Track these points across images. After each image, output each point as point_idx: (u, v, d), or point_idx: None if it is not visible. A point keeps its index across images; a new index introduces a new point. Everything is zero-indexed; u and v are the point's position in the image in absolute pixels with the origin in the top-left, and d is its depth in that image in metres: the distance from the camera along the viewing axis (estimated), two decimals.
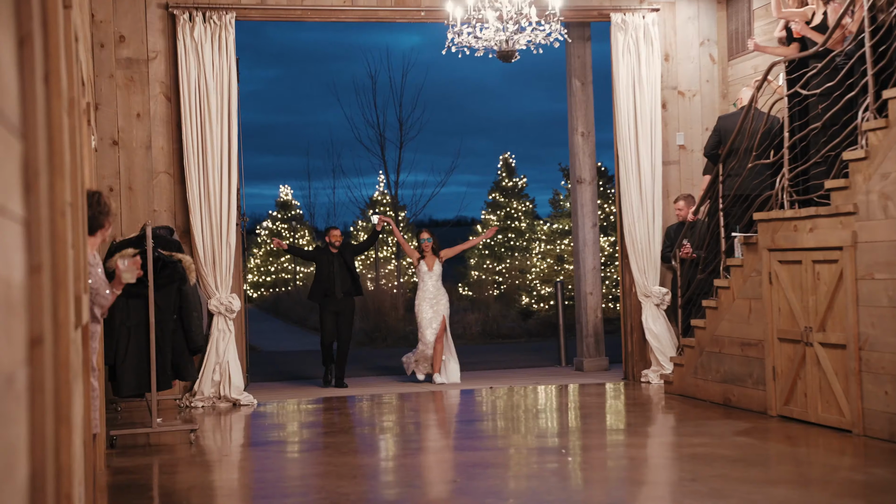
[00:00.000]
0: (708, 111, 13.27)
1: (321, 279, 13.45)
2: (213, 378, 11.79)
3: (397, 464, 8.06)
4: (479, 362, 15.51)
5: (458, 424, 10.34)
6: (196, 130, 11.95)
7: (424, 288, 13.37)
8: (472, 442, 9.12)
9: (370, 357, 17.71)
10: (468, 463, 7.93)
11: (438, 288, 13.36)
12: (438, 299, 13.31)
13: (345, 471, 7.66)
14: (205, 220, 11.93)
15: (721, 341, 10.52)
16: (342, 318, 13.37)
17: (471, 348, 19.27)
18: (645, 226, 12.82)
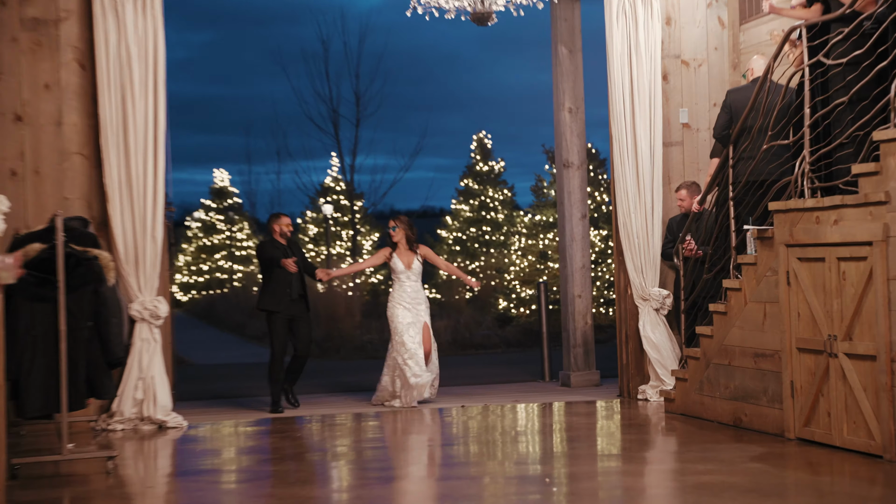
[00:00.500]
0: (716, 84, 13.31)
1: (278, 280, 12.76)
2: (134, 396, 11.72)
3: (352, 496, 8.03)
4: (448, 377, 15.47)
5: (424, 449, 10.31)
6: (116, 104, 11.86)
7: (401, 290, 12.96)
8: (440, 470, 9.08)
9: (321, 371, 17.66)
10: (436, 495, 7.90)
11: (418, 291, 13.01)
12: (418, 303, 12.97)
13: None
14: (126, 209, 11.85)
15: (731, 352, 10.55)
16: (300, 323, 12.86)
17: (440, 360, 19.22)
18: (643, 217, 12.85)
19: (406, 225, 13.26)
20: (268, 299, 12.76)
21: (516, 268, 29.96)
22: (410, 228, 13.26)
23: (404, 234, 13.15)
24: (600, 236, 29.23)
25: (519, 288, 28.99)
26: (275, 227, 13.07)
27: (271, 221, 13.15)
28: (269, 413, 12.56)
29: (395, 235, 13.16)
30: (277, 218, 13.13)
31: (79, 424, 11.70)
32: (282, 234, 13.04)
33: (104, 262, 9.51)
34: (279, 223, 13.06)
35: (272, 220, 13.16)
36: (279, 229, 13.04)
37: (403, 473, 9.04)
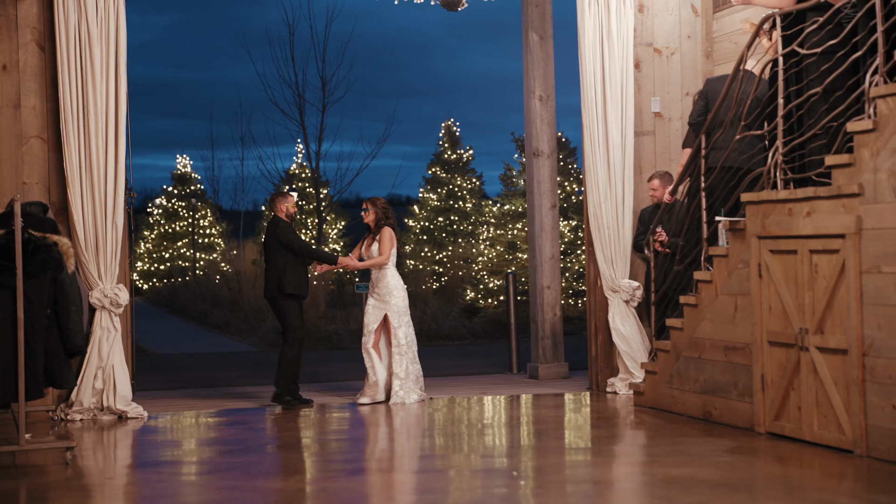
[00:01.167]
0: (689, 72, 13.35)
1: (302, 262, 12.41)
2: (94, 385, 11.67)
3: (316, 488, 8.02)
4: None
5: (389, 442, 10.31)
6: (76, 87, 11.79)
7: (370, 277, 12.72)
8: (405, 462, 9.09)
9: None
10: (402, 488, 7.90)
11: (378, 278, 12.49)
12: (379, 293, 12.48)
13: (253, 497, 7.61)
14: (86, 195, 11.79)
15: (701, 345, 10.59)
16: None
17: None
18: (613, 207, 12.88)
19: (379, 207, 12.70)
20: (296, 282, 12.32)
21: (484, 258, 29.96)
22: (385, 212, 12.69)
23: (374, 215, 12.66)
24: (570, 227, 29.27)
25: (487, 278, 28.99)
26: (281, 208, 12.54)
27: (277, 202, 12.56)
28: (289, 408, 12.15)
29: (366, 217, 12.72)
30: (284, 198, 12.58)
31: (36, 414, 11.64)
32: (288, 215, 12.57)
33: (63, 249, 9.45)
34: (285, 203, 12.54)
35: (278, 199, 12.58)
36: (286, 210, 12.54)
37: (368, 466, 9.03)
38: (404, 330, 12.42)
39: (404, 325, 12.44)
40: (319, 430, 10.81)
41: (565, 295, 27.46)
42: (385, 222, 12.64)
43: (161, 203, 46.46)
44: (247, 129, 56.07)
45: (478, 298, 28.48)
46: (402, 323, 12.44)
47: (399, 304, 12.48)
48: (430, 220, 34.85)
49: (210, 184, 46.84)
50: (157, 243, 45.57)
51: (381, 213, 12.67)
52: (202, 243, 45.46)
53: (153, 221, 46.23)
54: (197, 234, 45.48)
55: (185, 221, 45.81)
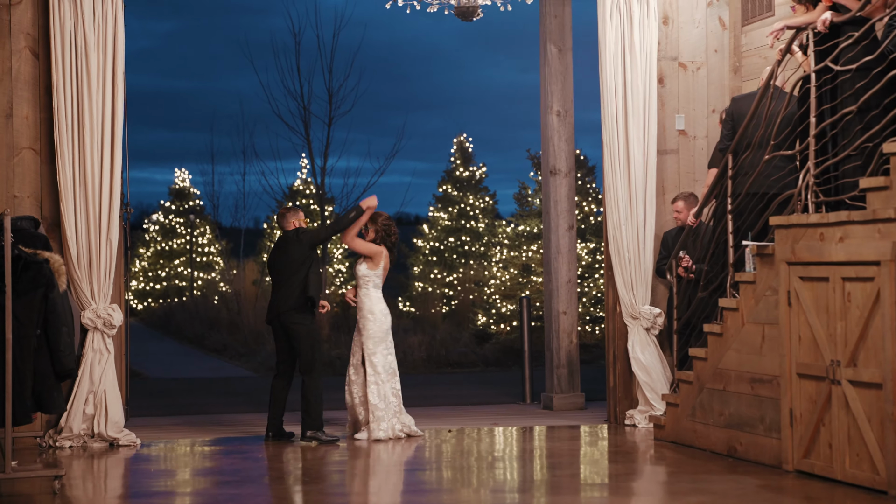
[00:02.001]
0: (715, 88, 13.32)
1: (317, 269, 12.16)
2: (85, 411, 11.65)
3: None
4: (421, 397, 15.45)
5: (394, 474, 10.27)
6: (71, 96, 11.79)
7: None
8: (411, 497, 9.04)
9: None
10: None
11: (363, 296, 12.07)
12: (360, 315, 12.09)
13: None
14: (80, 209, 11.78)
15: (726, 376, 10.54)
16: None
17: (412, 379, 19.21)
18: (634, 230, 12.85)
19: (380, 225, 12.15)
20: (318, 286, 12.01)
21: (497, 281, 29.94)
22: (386, 231, 12.15)
23: (374, 236, 12.16)
24: (588, 249, 29.25)
25: (499, 303, 28.97)
26: (293, 222, 12.19)
27: (289, 216, 12.18)
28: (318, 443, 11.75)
29: (367, 235, 12.20)
30: (296, 212, 12.26)
31: (24, 440, 11.60)
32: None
33: (55, 266, 9.44)
34: (297, 217, 12.22)
35: (290, 213, 12.21)
36: (298, 224, 12.21)
37: (371, 500, 8.99)
38: (381, 357, 11.93)
39: (380, 353, 11.94)
40: (321, 461, 10.77)
41: (582, 321, 27.42)
42: (383, 243, 12.16)
43: (158, 219, 46.48)
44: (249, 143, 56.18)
45: (490, 323, 28.47)
46: (377, 350, 11.93)
47: (374, 328, 11.98)
48: (441, 240, 34.82)
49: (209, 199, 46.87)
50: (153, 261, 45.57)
51: (381, 232, 12.16)
52: (200, 262, 45.47)
53: (149, 238, 46.24)
54: (195, 253, 45.50)
55: (183, 239, 45.84)
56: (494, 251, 31.93)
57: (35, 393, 9.45)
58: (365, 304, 12.04)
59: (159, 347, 29.84)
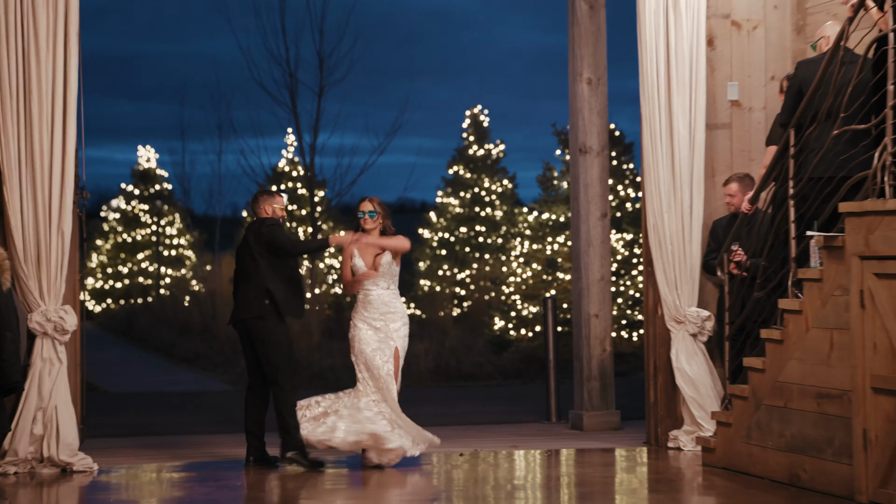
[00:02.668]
0: (775, 51, 13.28)
1: (298, 276, 11.97)
2: (32, 431, 11.63)
3: None
4: (428, 414, 15.44)
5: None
6: (15, 62, 11.79)
7: (366, 300, 11.99)
8: None
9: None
10: None
11: (390, 299, 12.01)
12: (387, 319, 12.04)
13: None
14: (26, 194, 11.78)
15: (787, 391, 10.52)
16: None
17: (418, 393, 19.22)
18: (678, 218, 12.83)
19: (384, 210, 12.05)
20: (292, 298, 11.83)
21: (517, 279, 29.94)
22: (385, 214, 12.07)
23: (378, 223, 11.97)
24: (624, 241, 29.24)
25: (520, 304, 28.97)
26: (266, 209, 11.93)
27: (262, 201, 11.93)
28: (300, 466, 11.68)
29: (368, 223, 11.96)
30: (271, 197, 11.97)
31: None
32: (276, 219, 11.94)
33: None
34: (271, 203, 11.92)
35: (263, 198, 11.94)
36: (271, 212, 11.92)
37: None
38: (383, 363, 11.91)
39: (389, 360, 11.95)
40: (310, 489, 10.78)
41: (617, 325, 27.42)
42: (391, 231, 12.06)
43: (118, 206, 46.62)
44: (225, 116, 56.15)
45: (508, 329, 28.47)
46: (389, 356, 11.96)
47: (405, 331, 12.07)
48: (451, 230, 34.87)
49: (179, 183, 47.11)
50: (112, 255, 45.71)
51: (387, 220, 12.05)
52: (168, 256, 45.59)
53: (108, 228, 46.39)
54: (162, 245, 45.62)
55: (148, 229, 45.96)
56: (514, 243, 31.91)
57: None
58: (397, 304, 12.04)
59: (120, 356, 29.93)
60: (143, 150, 47.28)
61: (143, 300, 42.39)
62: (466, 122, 35.94)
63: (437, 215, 35.43)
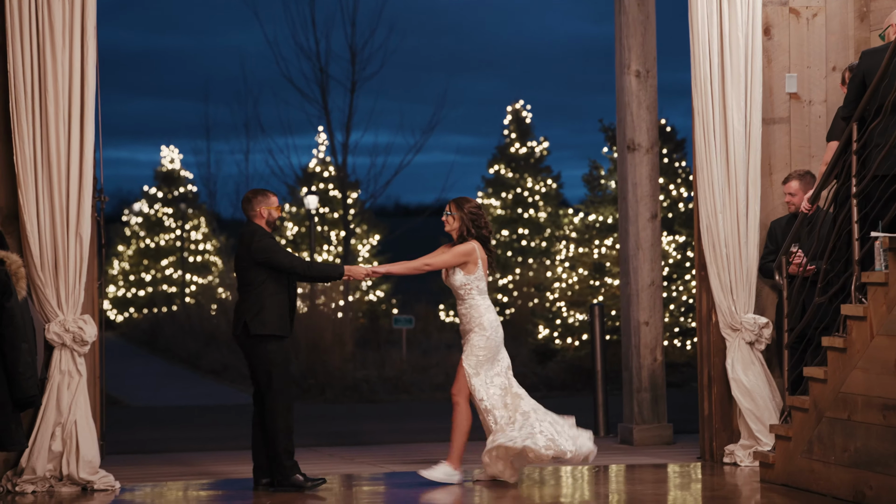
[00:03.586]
0: (837, 40, 13.23)
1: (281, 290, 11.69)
2: (51, 447, 11.67)
3: None
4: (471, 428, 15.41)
5: None
6: (30, 57, 11.82)
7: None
8: None
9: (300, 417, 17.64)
10: None
11: (466, 309, 12.09)
12: (464, 330, 12.12)
13: None
14: (43, 197, 11.81)
15: (851, 402, 10.47)
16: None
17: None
18: (733, 219, 12.79)
19: (466, 213, 11.96)
20: (276, 319, 11.62)
21: (562, 284, 29.91)
22: (474, 221, 11.98)
23: (459, 225, 11.98)
24: (676, 244, 29.18)
25: (565, 311, 28.94)
26: (260, 211, 11.87)
27: (256, 203, 11.86)
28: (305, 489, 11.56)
29: (448, 224, 12.06)
30: (265, 197, 11.89)
31: None
32: (270, 222, 11.86)
33: (12, 269, 9.49)
34: (267, 204, 11.86)
35: (257, 200, 11.87)
36: (267, 214, 11.88)
37: None
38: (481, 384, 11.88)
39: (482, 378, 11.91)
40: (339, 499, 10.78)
41: (669, 334, 27.36)
42: (472, 235, 11.98)
43: (141, 209, 46.78)
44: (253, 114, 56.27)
45: (553, 337, 28.44)
46: (480, 372, 11.92)
47: (482, 343, 12.00)
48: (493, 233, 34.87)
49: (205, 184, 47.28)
50: (135, 262, 45.90)
51: (467, 222, 11.97)
52: (194, 262, 45.72)
53: (130, 233, 46.57)
54: (187, 251, 45.75)
55: (173, 234, 46.10)
56: (559, 247, 31.86)
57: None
58: (473, 318, 12.00)
59: (144, 368, 30.05)
60: (167, 151, 47.44)
61: (167, 309, 42.52)
62: (508, 118, 35.93)
63: None
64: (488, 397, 11.80)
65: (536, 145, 35.68)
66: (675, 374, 23.17)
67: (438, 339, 29.54)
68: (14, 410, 9.72)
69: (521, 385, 12.13)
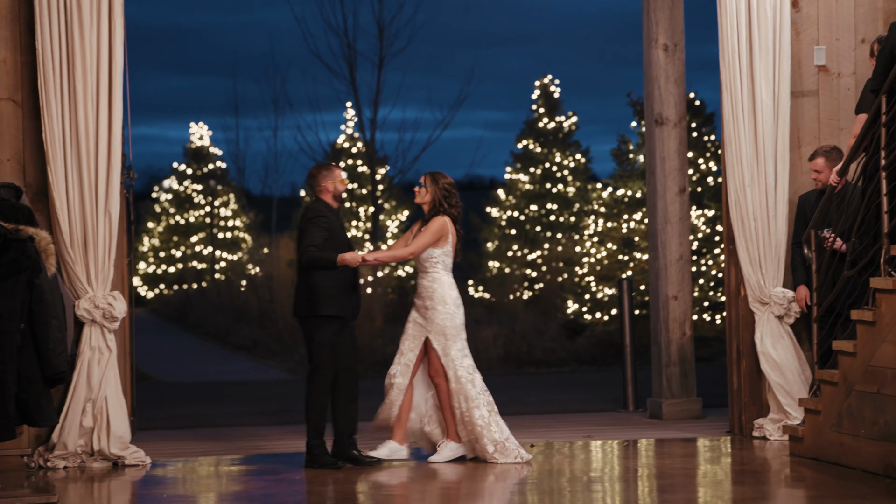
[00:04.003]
0: (865, 11, 13.15)
1: (344, 269, 11.52)
2: (81, 423, 11.72)
3: None
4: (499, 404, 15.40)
5: (467, 500, 10.26)
6: (59, 34, 11.84)
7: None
8: None
9: None
10: None
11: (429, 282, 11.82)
12: (423, 308, 11.88)
13: None
14: (72, 174, 11.85)
15: (881, 375, 10.45)
16: (348, 331, 11.78)
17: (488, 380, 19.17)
18: (761, 192, 12.76)
19: (440, 187, 11.79)
20: (335, 300, 11.48)
21: (591, 259, 29.87)
22: (447, 196, 11.77)
23: (431, 197, 11.83)
24: (706, 218, 29.09)
25: (594, 286, 28.91)
26: (325, 186, 11.64)
27: (321, 178, 11.64)
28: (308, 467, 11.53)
29: (419, 196, 11.88)
30: (329, 171, 11.71)
31: (8, 460, 11.71)
32: (336, 196, 11.63)
33: (42, 245, 9.50)
34: (332, 178, 11.63)
35: (321, 175, 11.66)
36: (333, 188, 11.64)
37: None
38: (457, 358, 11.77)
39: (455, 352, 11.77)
40: (375, 482, 10.78)
41: (698, 308, 27.31)
42: (443, 210, 11.78)
43: (170, 186, 46.84)
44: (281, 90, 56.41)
45: (582, 312, 28.41)
46: (451, 349, 11.76)
47: (447, 321, 11.78)
48: (521, 208, 34.79)
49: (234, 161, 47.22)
50: (165, 238, 45.96)
51: (439, 196, 11.79)
52: (224, 239, 45.77)
53: (160, 210, 46.62)
54: (217, 227, 45.80)
55: (202, 210, 46.16)
56: (588, 221, 31.82)
57: (20, 402, 9.53)
58: (435, 292, 11.78)
59: (174, 344, 30.11)
60: (196, 127, 47.43)
61: (197, 285, 42.60)
62: (536, 92, 35.80)
63: (506, 192, 35.32)
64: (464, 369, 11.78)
65: (565, 120, 35.55)
66: (705, 349, 23.11)
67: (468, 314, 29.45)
68: (44, 386, 9.74)
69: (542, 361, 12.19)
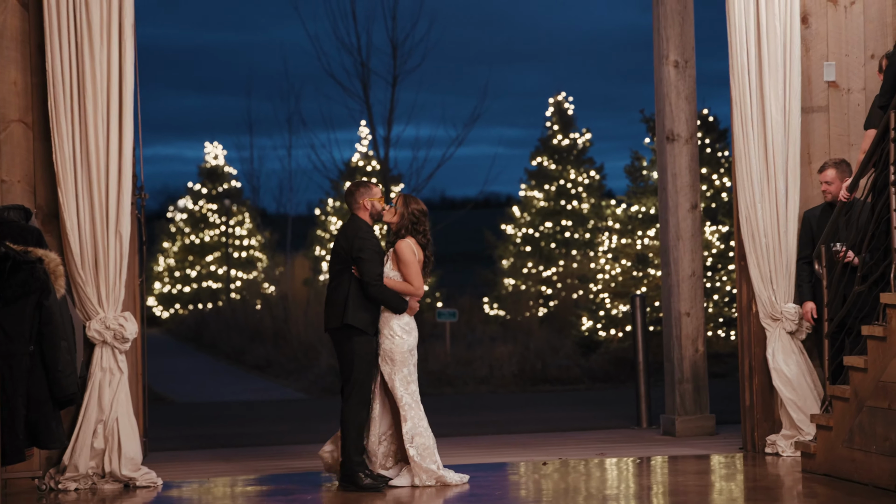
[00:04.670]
0: (875, 28, 13.16)
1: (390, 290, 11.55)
2: (93, 445, 11.72)
3: None
4: (512, 421, 15.46)
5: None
6: (69, 56, 11.87)
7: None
8: None
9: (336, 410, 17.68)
10: None
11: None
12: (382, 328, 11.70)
13: None
14: (82, 195, 11.87)
15: (892, 391, 10.43)
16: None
17: (500, 399, 19.20)
18: (772, 209, 12.75)
19: (410, 211, 11.58)
20: (365, 314, 11.42)
21: (606, 276, 29.83)
22: (414, 222, 11.55)
23: (399, 220, 11.58)
24: (719, 234, 29.04)
25: (609, 303, 28.86)
26: (363, 203, 11.57)
27: (357, 195, 11.56)
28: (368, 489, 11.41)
29: (388, 214, 11.63)
30: (367, 189, 11.62)
31: (18, 482, 11.71)
32: (373, 214, 11.54)
33: (51, 267, 9.52)
34: (370, 196, 11.57)
35: (358, 192, 11.57)
36: (370, 206, 11.57)
37: None
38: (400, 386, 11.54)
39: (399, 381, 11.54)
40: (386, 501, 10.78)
41: (712, 324, 27.26)
42: (407, 232, 11.59)
43: (185, 206, 46.91)
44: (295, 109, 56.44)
45: (597, 329, 28.38)
46: (395, 377, 11.52)
47: (390, 347, 11.54)
48: (535, 225, 34.81)
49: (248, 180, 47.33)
50: (180, 258, 46.03)
51: (406, 221, 11.58)
52: (239, 258, 45.82)
53: (175, 230, 46.67)
54: (232, 247, 45.86)
55: (217, 230, 46.21)
56: (602, 238, 31.79)
57: (30, 424, 9.55)
58: (385, 317, 11.56)
59: (189, 364, 30.13)
60: (210, 147, 47.54)
61: (212, 305, 42.64)
62: (550, 109, 35.85)
63: (521, 210, 35.36)
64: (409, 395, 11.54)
65: (579, 137, 35.59)
66: (720, 365, 23.08)
67: (482, 332, 29.54)
68: (54, 408, 9.76)
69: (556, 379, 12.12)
